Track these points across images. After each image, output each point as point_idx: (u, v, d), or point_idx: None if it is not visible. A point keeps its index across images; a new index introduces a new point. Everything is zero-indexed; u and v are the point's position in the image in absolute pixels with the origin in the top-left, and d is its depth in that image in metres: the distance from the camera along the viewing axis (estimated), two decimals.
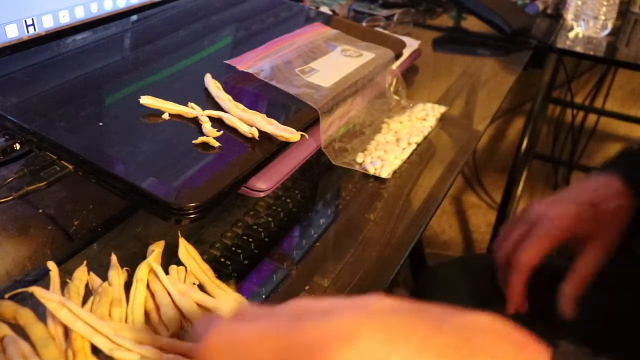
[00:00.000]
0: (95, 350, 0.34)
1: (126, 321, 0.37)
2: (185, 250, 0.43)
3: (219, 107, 0.49)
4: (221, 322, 0.26)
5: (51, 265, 0.40)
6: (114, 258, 0.42)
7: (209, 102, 0.50)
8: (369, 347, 0.24)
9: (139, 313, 0.37)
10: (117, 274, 0.40)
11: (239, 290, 0.41)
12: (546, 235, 0.56)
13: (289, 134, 0.46)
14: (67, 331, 0.35)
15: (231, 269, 0.45)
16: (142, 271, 0.40)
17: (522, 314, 0.55)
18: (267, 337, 0.24)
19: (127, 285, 0.40)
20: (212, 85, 0.51)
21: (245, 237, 0.48)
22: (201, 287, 0.41)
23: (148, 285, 0.40)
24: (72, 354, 0.33)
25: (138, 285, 0.39)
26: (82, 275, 0.40)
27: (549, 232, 0.56)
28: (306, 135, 0.46)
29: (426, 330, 0.25)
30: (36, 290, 0.34)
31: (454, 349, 0.25)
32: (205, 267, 0.42)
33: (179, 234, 0.43)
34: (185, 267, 0.42)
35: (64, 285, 0.39)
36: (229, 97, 0.50)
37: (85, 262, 0.42)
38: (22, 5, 0.52)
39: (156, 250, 0.42)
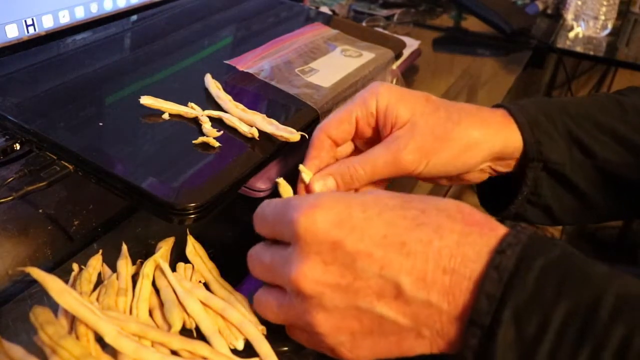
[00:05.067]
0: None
1: (130, 314, 0.37)
2: (193, 248, 0.43)
3: (219, 107, 0.49)
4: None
5: (75, 266, 0.41)
6: (124, 248, 0.42)
7: (209, 102, 0.50)
8: (332, 208, 0.32)
9: (143, 309, 0.38)
10: (125, 264, 0.40)
11: (239, 290, 0.41)
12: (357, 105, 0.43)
13: (289, 134, 0.46)
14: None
15: (231, 269, 0.45)
16: (148, 267, 0.40)
17: None
18: None
19: (136, 279, 0.40)
20: (212, 85, 0.51)
21: (245, 237, 0.48)
22: (206, 286, 0.41)
23: (154, 282, 0.40)
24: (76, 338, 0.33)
25: (144, 281, 0.39)
26: (96, 263, 0.41)
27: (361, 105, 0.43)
28: (306, 135, 0.46)
29: (393, 202, 0.33)
30: (32, 270, 0.34)
31: (409, 219, 0.31)
32: (211, 265, 0.42)
33: (187, 232, 0.44)
34: (193, 265, 0.42)
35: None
36: (229, 97, 0.50)
37: (100, 251, 0.42)
38: (22, 5, 0.52)
39: (164, 247, 0.42)
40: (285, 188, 0.43)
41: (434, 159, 0.42)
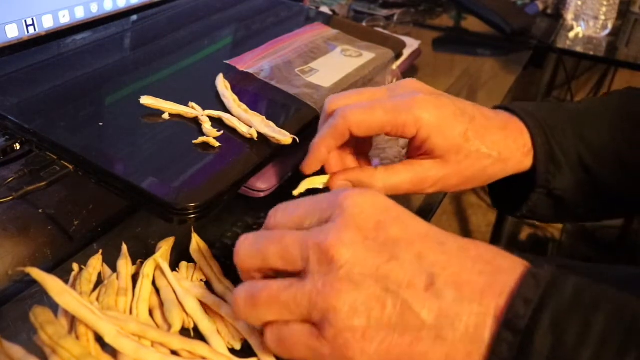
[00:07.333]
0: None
1: (130, 314, 0.37)
2: (197, 246, 0.43)
3: (219, 107, 0.49)
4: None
5: (75, 266, 0.41)
6: (124, 248, 0.42)
7: (209, 102, 0.50)
8: (380, 197, 0.33)
9: (143, 309, 0.38)
10: (125, 264, 0.40)
11: None
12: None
13: (282, 136, 0.46)
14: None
15: (231, 269, 0.45)
16: (148, 267, 0.40)
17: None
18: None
19: (136, 279, 0.40)
20: (222, 83, 0.52)
21: None
22: (208, 285, 0.41)
23: (154, 282, 0.40)
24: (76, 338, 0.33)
25: (144, 281, 0.39)
26: (96, 263, 0.41)
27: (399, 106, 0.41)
28: (297, 139, 0.46)
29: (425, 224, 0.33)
30: (32, 270, 0.34)
31: (447, 233, 0.33)
32: (214, 264, 0.42)
33: (192, 230, 0.43)
34: (195, 264, 0.42)
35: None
36: (235, 97, 0.50)
37: (100, 251, 0.42)
38: (22, 5, 0.52)
39: (164, 247, 0.42)
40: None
41: (454, 189, 0.45)
